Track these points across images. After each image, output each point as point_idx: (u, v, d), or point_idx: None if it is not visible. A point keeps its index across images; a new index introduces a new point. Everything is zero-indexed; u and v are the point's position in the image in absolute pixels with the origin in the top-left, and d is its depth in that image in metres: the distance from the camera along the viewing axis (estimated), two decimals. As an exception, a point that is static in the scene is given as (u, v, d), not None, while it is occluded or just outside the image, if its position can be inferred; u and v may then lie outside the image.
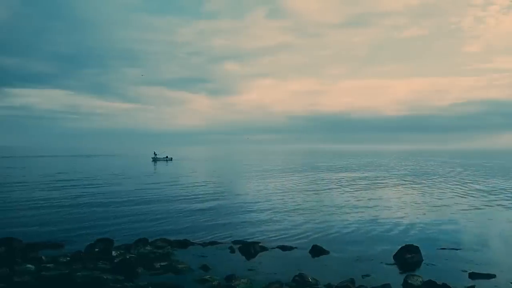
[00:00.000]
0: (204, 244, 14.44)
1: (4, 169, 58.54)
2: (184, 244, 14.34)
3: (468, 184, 38.11)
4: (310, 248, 13.76)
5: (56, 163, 79.91)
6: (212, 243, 14.61)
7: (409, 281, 10.23)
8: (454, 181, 41.44)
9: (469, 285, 10.25)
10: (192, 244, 14.46)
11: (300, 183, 38.60)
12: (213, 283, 10.24)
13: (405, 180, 42.15)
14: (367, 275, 11.03)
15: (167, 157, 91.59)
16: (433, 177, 46.70)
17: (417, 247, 12.84)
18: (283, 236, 16.00)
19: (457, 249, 13.99)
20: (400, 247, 13.00)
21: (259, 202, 25.50)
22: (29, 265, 11.12)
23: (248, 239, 15.13)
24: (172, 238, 15.01)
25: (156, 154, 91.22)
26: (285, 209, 22.56)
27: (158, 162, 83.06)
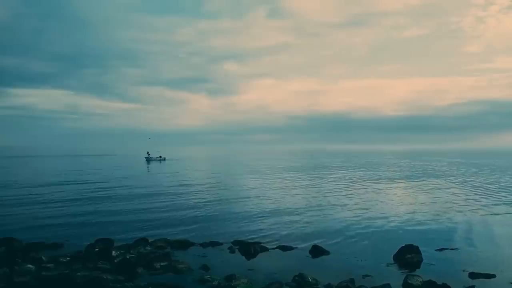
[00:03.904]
0: (204, 244, 14.43)
1: (4, 169, 58.51)
2: (184, 244, 14.34)
3: (470, 184, 38.10)
4: (310, 248, 13.76)
5: (56, 163, 79.89)
6: (212, 243, 14.59)
7: (409, 281, 10.22)
8: (455, 181, 41.43)
9: (469, 285, 10.26)
10: (192, 244, 14.45)
11: (300, 184, 38.58)
12: (213, 283, 10.24)
13: (405, 180, 42.14)
14: (367, 275, 11.02)
15: (160, 157, 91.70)
16: (436, 176, 46.70)
17: (417, 247, 12.84)
18: (283, 236, 15.99)
19: (457, 249, 13.98)
20: (400, 247, 13.01)
21: (259, 202, 25.48)
22: (29, 265, 11.12)
23: (248, 239, 15.14)
24: (172, 238, 15.01)
25: (149, 154, 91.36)
26: (285, 209, 22.55)
27: (151, 162, 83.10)
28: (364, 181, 41.23)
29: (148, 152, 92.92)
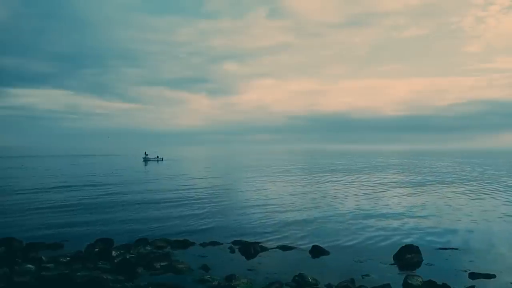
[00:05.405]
0: (204, 244, 14.44)
1: (4, 170, 58.50)
2: (184, 244, 14.35)
3: (470, 184, 38.09)
4: (310, 248, 13.76)
5: (56, 163, 79.88)
6: (212, 243, 14.61)
7: (409, 281, 10.23)
8: (454, 181, 41.42)
9: (469, 285, 10.25)
10: (192, 244, 14.46)
11: (299, 184, 38.57)
12: (213, 283, 10.25)
13: (404, 181, 42.14)
14: (367, 275, 11.03)
15: (157, 157, 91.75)
16: (434, 177, 46.70)
17: (417, 247, 12.86)
18: (283, 236, 16.00)
19: (457, 249, 13.98)
20: (400, 247, 13.02)
21: (259, 202, 25.47)
22: (29, 265, 11.12)
23: (248, 239, 15.14)
24: (172, 238, 15.02)
25: (147, 154, 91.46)
26: (285, 209, 22.54)
27: (149, 163, 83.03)
28: (363, 181, 41.21)
29: (145, 153, 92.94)
